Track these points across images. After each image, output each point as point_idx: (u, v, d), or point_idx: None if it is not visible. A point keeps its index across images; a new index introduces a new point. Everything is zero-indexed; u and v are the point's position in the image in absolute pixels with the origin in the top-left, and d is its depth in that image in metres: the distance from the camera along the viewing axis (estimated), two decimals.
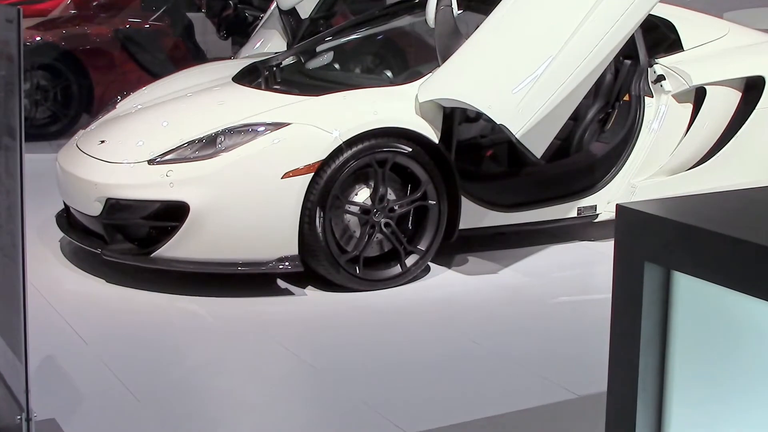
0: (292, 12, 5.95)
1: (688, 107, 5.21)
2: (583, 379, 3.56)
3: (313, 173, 4.28)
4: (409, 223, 4.62)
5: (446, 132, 4.61)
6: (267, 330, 4.03)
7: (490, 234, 5.04)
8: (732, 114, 5.27)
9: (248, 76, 5.24)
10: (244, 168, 4.26)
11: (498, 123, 4.31)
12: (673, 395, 1.53)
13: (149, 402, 3.39)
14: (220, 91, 5.01)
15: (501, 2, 4.52)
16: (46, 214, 5.19)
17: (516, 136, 4.30)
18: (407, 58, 5.87)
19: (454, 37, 4.75)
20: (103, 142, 4.69)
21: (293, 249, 4.29)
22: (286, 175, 4.25)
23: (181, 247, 4.28)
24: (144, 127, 4.72)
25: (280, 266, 4.30)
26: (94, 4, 8.12)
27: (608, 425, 1.58)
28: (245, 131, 4.35)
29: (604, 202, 5.10)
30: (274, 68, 5.25)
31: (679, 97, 5.19)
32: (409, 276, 4.58)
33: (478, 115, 5.18)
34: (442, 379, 3.60)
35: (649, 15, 4.65)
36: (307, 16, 5.89)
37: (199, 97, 4.96)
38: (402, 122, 4.49)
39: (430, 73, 4.67)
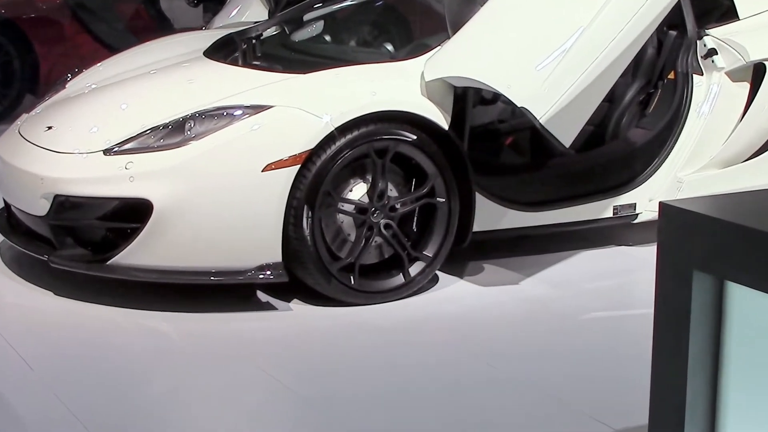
0: None
1: (745, 87, 5.21)
2: (620, 409, 3.56)
3: (299, 165, 4.27)
4: (414, 224, 4.62)
5: (458, 116, 4.61)
6: (245, 351, 4.03)
7: (510, 237, 5.03)
8: None
9: (223, 50, 5.24)
10: (217, 159, 4.26)
11: (519, 106, 4.30)
12: (727, 429, 1.53)
13: None
14: (190, 68, 5.00)
15: None
16: None
17: (540, 121, 4.30)
18: (411, 28, 5.87)
19: (466, 3, 4.75)
20: (50, 128, 4.69)
21: (276, 255, 4.29)
22: (267, 168, 4.24)
23: (143, 252, 4.27)
24: (99, 111, 4.71)
25: (261, 275, 4.30)
26: None
27: None
28: (219, 115, 4.35)
29: (645, 199, 5.10)
30: (254, 40, 5.24)
31: (734, 75, 5.18)
32: (413, 287, 4.58)
33: (496, 97, 5.18)
34: (452, 409, 3.60)
35: None
36: None
37: (164, 75, 4.96)
38: (405, 105, 4.49)
39: (439, 47, 4.67)
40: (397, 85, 4.58)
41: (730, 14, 5.32)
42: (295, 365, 3.95)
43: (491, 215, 4.77)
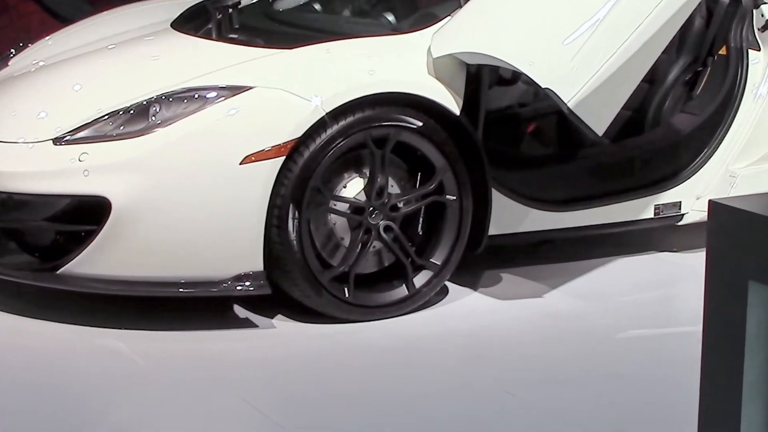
0: None
1: None
2: None
3: (284, 157, 4.27)
4: (419, 226, 4.62)
5: (471, 99, 4.61)
6: (220, 376, 4.03)
7: (533, 242, 5.03)
8: None
9: (193, 21, 5.24)
10: (187, 150, 4.26)
11: (543, 87, 4.31)
12: None
13: None
14: (155, 42, 5.00)
15: None
16: None
17: (568, 104, 4.30)
18: None
19: None
20: None
21: (256, 263, 4.29)
22: (246, 160, 4.25)
23: (99, 260, 4.27)
24: (47, 93, 4.71)
25: (239, 287, 4.30)
26: None
27: None
28: (189, 98, 4.35)
29: (692, 197, 5.11)
30: (230, 10, 5.24)
31: None
32: (418, 301, 4.58)
33: (516, 76, 5.18)
34: None
35: None
36: None
37: (124, 51, 4.96)
38: (409, 85, 4.49)
39: (449, 17, 4.67)
40: (399, 63, 4.58)
41: None
42: (279, 393, 3.95)
43: (510, 216, 4.77)
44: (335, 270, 4.44)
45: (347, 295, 4.45)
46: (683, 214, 5.13)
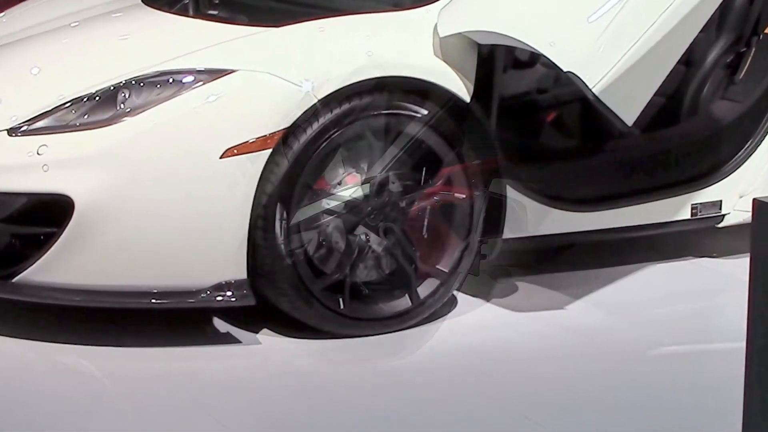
0: None
1: None
2: None
3: (270, 150, 4.28)
4: (424, 228, 4.62)
5: (483, 85, 4.61)
6: (197, 398, 4.02)
7: (553, 247, 5.02)
8: None
9: None
10: (160, 141, 4.26)
11: (565, 70, 4.31)
12: None
13: None
14: (124, 20, 5.01)
15: None
16: None
17: (594, 90, 4.30)
18: None
19: None
20: None
21: (239, 270, 4.29)
22: (228, 153, 4.24)
23: (60, 267, 4.27)
24: (2, 77, 4.72)
25: (219, 297, 4.30)
26: None
27: None
28: (163, 83, 4.35)
29: (735, 195, 5.11)
30: None
31: None
32: (423, 313, 4.59)
33: (534, 58, 5.18)
34: None
35: None
36: None
37: (89, 30, 4.96)
38: (412, 69, 4.49)
39: None
40: (401, 43, 4.58)
41: None
42: (264, 417, 3.94)
43: (528, 217, 4.77)
44: (329, 278, 4.45)
45: (342, 306, 4.45)
46: (724, 215, 5.14)
